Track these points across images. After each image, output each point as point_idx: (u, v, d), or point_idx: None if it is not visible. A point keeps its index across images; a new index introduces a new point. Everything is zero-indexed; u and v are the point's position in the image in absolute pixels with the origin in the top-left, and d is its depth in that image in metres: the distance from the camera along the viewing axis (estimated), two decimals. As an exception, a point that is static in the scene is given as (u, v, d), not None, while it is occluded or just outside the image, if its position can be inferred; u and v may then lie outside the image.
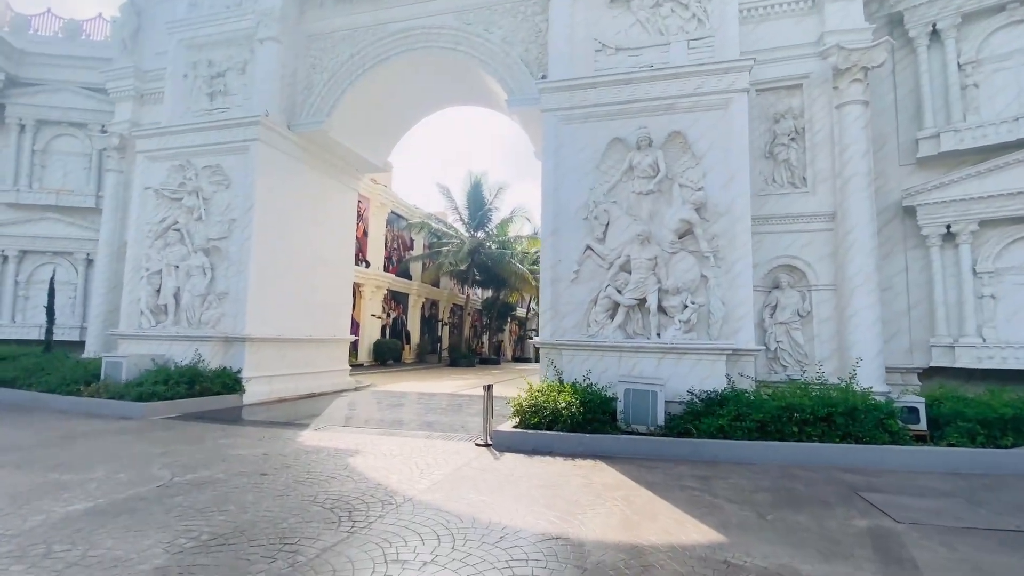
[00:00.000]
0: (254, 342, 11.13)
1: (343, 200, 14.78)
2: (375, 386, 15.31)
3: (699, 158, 8.83)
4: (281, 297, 12.04)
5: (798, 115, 9.87)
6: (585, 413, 6.93)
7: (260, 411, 10.11)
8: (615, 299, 8.65)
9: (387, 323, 27.20)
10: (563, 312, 9.10)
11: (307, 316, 12.94)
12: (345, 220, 14.94)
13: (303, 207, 12.95)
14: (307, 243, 13.06)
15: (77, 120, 14.78)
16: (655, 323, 8.47)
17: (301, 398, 12.02)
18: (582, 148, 9.37)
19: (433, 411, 10.58)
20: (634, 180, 8.98)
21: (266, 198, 11.61)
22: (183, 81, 12.66)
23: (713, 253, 8.53)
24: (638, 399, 7.22)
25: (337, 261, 14.43)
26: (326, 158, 13.63)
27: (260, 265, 11.38)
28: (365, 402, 12.04)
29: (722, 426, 6.71)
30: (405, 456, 6.36)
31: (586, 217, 9.16)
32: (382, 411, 10.61)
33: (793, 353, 9.34)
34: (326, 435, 7.63)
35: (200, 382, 9.95)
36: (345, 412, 10.38)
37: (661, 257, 8.56)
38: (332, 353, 13.93)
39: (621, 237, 8.86)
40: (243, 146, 11.50)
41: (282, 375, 11.94)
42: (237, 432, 7.76)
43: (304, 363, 12.74)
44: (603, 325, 8.71)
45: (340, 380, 14.04)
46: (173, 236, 11.64)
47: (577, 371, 8.47)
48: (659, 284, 8.53)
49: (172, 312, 11.41)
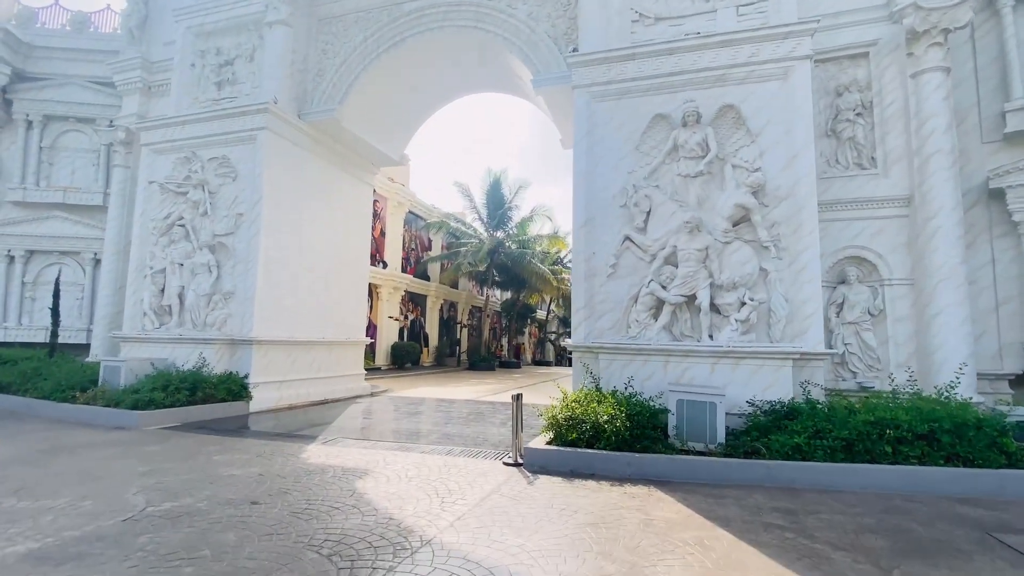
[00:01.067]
0: (262, 345, 10.35)
1: (358, 195, 13.99)
2: (391, 391, 14.47)
3: (755, 135, 7.76)
4: (291, 297, 11.26)
5: (864, 87, 8.72)
6: (632, 428, 5.91)
7: (266, 420, 9.30)
8: (659, 296, 7.61)
9: (405, 325, 26.44)
10: (599, 311, 8.09)
11: (319, 317, 12.15)
12: (360, 216, 14.14)
13: (315, 201, 12.18)
14: (320, 240, 12.28)
15: (85, 115, 14.28)
16: (707, 323, 7.41)
17: (312, 405, 11.21)
18: (619, 127, 8.37)
19: (453, 420, 9.65)
20: (679, 161, 7.95)
21: (275, 191, 10.85)
22: (190, 71, 12.01)
23: (774, 243, 7.44)
24: (694, 411, 6.18)
25: (352, 259, 13.64)
26: (339, 150, 12.85)
27: (268, 262, 10.61)
28: (380, 410, 11.17)
29: (798, 445, 5.63)
30: (423, 479, 5.42)
31: (624, 204, 8.15)
32: (398, 420, 9.72)
33: (863, 357, 8.17)
34: (334, 450, 6.74)
35: (203, 388, 9.18)
36: (357, 421, 9.51)
37: (713, 248, 7.50)
38: (346, 357, 13.12)
39: (665, 226, 7.83)
40: (250, 135, 10.76)
41: (292, 380, 11.14)
42: (236, 446, 6.92)
43: (316, 367, 11.94)
44: (645, 326, 7.68)
45: (355, 385, 13.21)
46: (178, 232, 10.95)
47: (616, 377, 7.45)
48: (711, 279, 7.47)
49: (176, 313, 10.70)
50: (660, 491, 5.11)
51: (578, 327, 8.17)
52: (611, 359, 7.61)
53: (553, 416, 6.23)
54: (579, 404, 6.42)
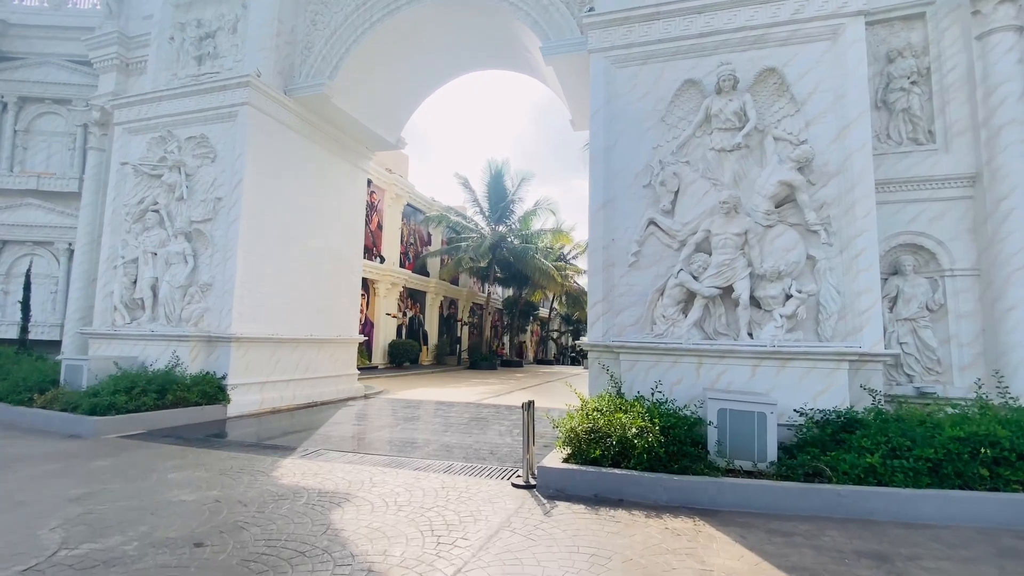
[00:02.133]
0: (241, 343, 9.38)
1: (352, 182, 13.00)
2: (387, 392, 13.50)
3: (800, 103, 6.76)
4: (275, 291, 10.29)
5: (919, 52, 7.69)
6: (667, 444, 4.92)
7: (243, 426, 8.34)
8: (690, 288, 6.61)
9: (403, 323, 25.48)
10: (619, 305, 7.10)
11: (308, 313, 11.18)
12: (354, 204, 13.16)
13: (304, 187, 11.20)
14: (308, 229, 11.30)
15: (62, 96, 13.29)
16: (745, 319, 6.41)
17: (298, 408, 10.24)
18: (642, 96, 7.36)
19: (453, 427, 8.67)
20: (713, 133, 6.94)
21: (258, 174, 9.87)
22: (169, 45, 11.02)
23: (823, 226, 6.45)
24: (739, 423, 5.18)
25: (344, 251, 12.66)
26: (330, 132, 11.86)
27: (250, 252, 9.63)
28: (373, 414, 10.20)
29: (872, 466, 4.63)
30: (416, 507, 4.44)
31: (648, 183, 7.15)
32: (391, 427, 8.74)
33: (921, 358, 7.16)
34: (313, 466, 5.76)
35: (173, 391, 8.21)
36: (345, 428, 8.54)
37: (753, 232, 6.50)
38: (337, 355, 12.15)
39: (697, 207, 6.83)
40: (230, 112, 9.78)
41: (276, 381, 10.17)
42: (200, 459, 5.95)
43: (303, 367, 10.97)
44: (674, 322, 6.68)
45: (346, 386, 12.25)
46: (152, 219, 9.98)
47: (640, 381, 6.47)
48: (750, 268, 6.47)
49: (149, 307, 9.74)
50: (709, 525, 4.12)
51: (595, 323, 7.19)
52: (634, 360, 6.62)
53: (571, 428, 5.23)
54: (601, 413, 5.43)
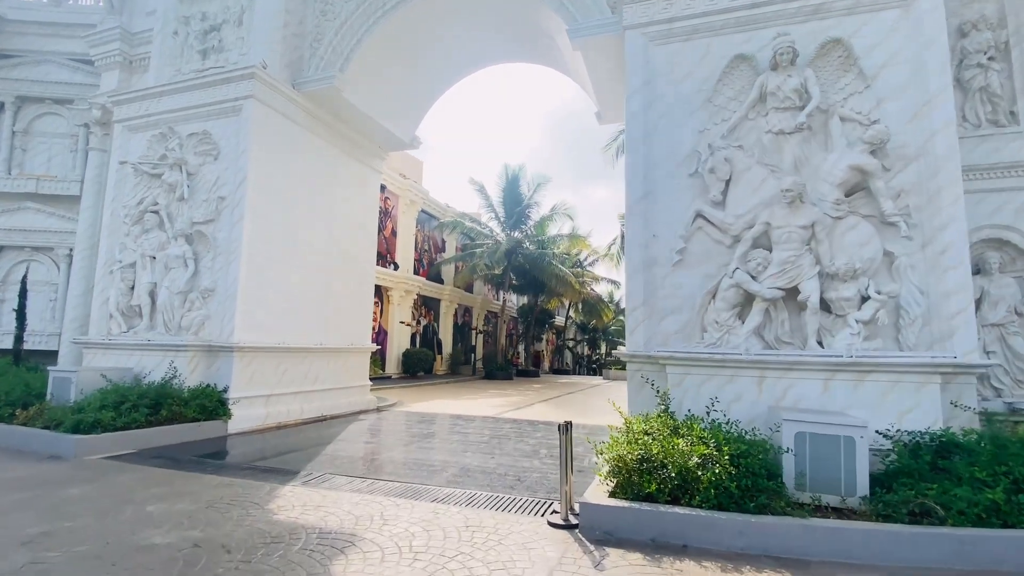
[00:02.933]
0: (245, 352, 8.68)
1: (364, 182, 12.35)
2: (401, 405, 12.73)
3: (869, 78, 5.92)
4: (282, 297, 9.61)
5: (995, 24, 6.85)
6: (738, 476, 4.06)
7: (244, 445, 7.61)
8: (748, 289, 5.77)
9: (417, 331, 24.78)
10: (662, 310, 6.28)
11: (316, 321, 10.48)
12: (366, 206, 12.50)
13: (313, 187, 10.55)
14: (318, 231, 10.64)
15: (63, 96, 12.86)
16: (815, 325, 5.55)
17: (306, 423, 9.50)
18: (685, 76, 6.58)
19: (472, 446, 7.86)
20: (769, 114, 6.13)
21: (263, 172, 9.23)
22: (172, 40, 10.49)
23: (902, 217, 5.58)
24: (822, 450, 4.32)
25: (357, 255, 11.98)
26: (341, 130, 11.24)
27: (255, 255, 8.97)
28: (385, 430, 9.43)
29: (995, 503, 3.75)
30: (435, 554, 3.64)
31: (694, 171, 6.35)
32: (405, 446, 7.96)
33: (1011, 369, 6.25)
34: (316, 496, 4.99)
35: (168, 405, 7.51)
36: (355, 447, 7.77)
37: (821, 224, 5.65)
38: (349, 366, 11.43)
39: (752, 197, 6.00)
40: (234, 106, 9.17)
41: (282, 394, 9.45)
42: (187, 486, 5.21)
43: (312, 378, 10.25)
44: (729, 329, 5.84)
45: (358, 399, 11.50)
46: (151, 220, 9.37)
47: (691, 397, 5.62)
48: (818, 266, 5.62)
49: (147, 314, 9.09)
50: (807, 585, 3.27)
51: (634, 330, 6.36)
52: (683, 373, 5.77)
53: (617, 455, 4.39)
54: (652, 437, 4.60)
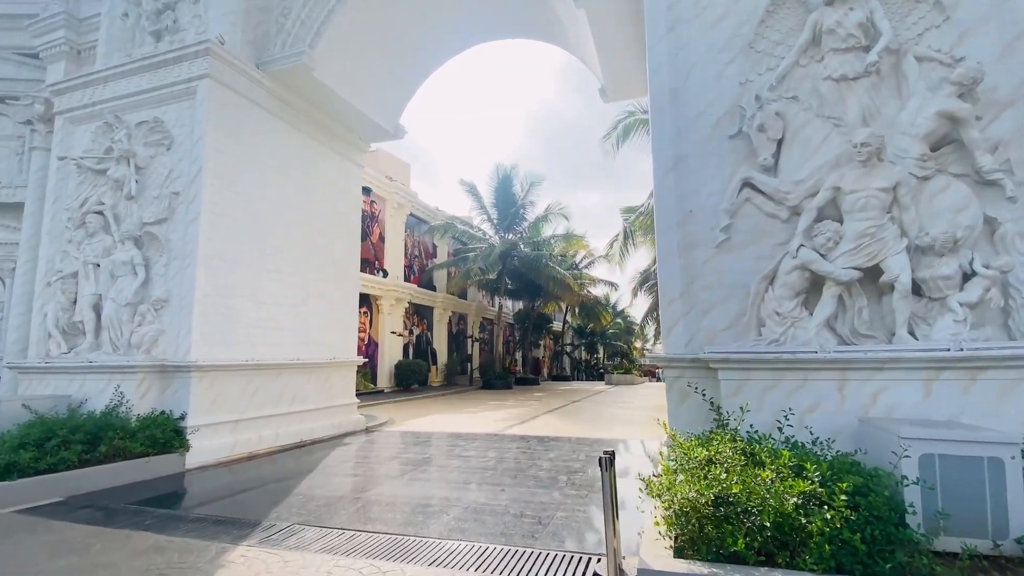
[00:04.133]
0: (206, 372, 7.42)
1: (345, 177, 11.15)
2: (393, 423, 11.47)
3: (948, 9, 4.83)
4: (251, 306, 8.37)
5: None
6: (861, 522, 2.89)
7: (202, 482, 6.34)
8: (818, 271, 4.63)
9: (410, 341, 23.50)
10: (705, 302, 5.12)
11: (293, 332, 9.23)
12: (348, 205, 11.30)
13: (287, 181, 9.34)
14: (293, 231, 9.42)
15: (7, 93, 11.56)
16: (906, 312, 4.41)
17: (282, 451, 8.23)
18: (719, 18, 5.46)
19: (477, 475, 6.64)
20: (826, 59, 5.02)
21: (225, 163, 8.02)
22: (122, 22, 9.30)
23: (1005, 174, 4.47)
24: (956, 476, 3.16)
25: (338, 259, 10.76)
26: (317, 118, 10.05)
27: (215, 257, 7.74)
28: (373, 457, 8.18)
29: None
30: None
31: (738, 132, 5.22)
32: (396, 478, 6.71)
33: None
34: (275, 562, 3.75)
35: (109, 439, 6.23)
36: (336, 483, 6.51)
37: (905, 186, 4.52)
38: (332, 382, 10.17)
39: (814, 158, 4.88)
40: (188, 88, 7.97)
41: (253, 419, 8.17)
42: (110, 553, 3.95)
43: (289, 398, 8.98)
44: (793, 321, 4.68)
45: (344, 419, 10.23)
46: (95, 223, 8.13)
47: (753, 408, 4.45)
48: (905, 238, 4.50)
49: (91, 331, 7.83)
50: None
51: (672, 328, 5.19)
52: (741, 379, 4.60)
53: (684, 498, 3.19)
54: (722, 467, 3.42)
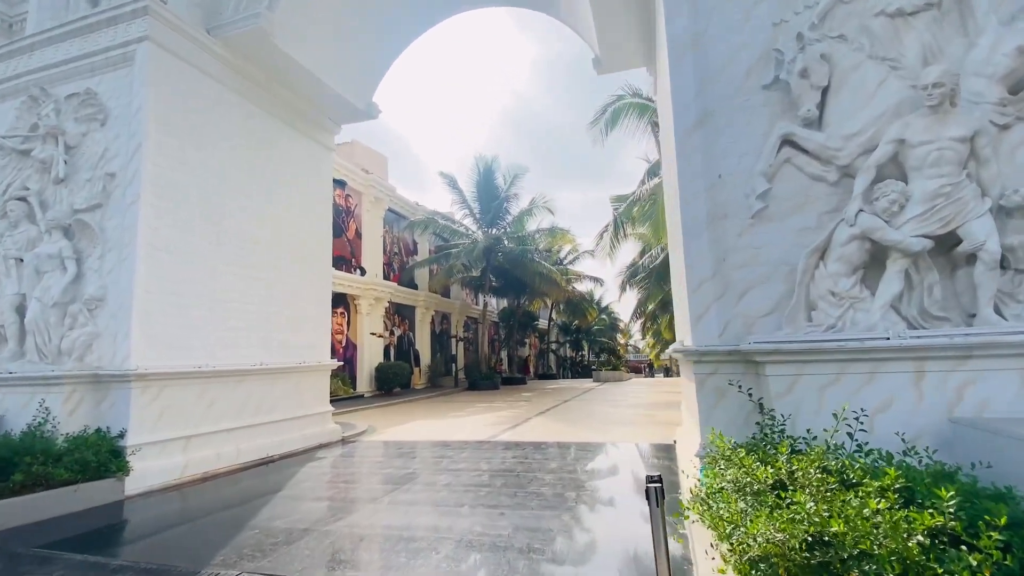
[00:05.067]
0: (149, 382, 6.37)
1: (315, 162, 10.12)
2: (373, 432, 10.49)
3: (1019, -69, 4.10)
4: (206, 304, 7.33)
5: None
6: (1019, 569, 2.08)
7: (140, 513, 5.30)
8: (882, 240, 3.83)
9: (391, 342, 22.43)
10: (740, 283, 4.30)
11: (257, 334, 8.20)
12: (319, 192, 10.27)
13: (246, 164, 8.30)
14: (255, 220, 8.38)
15: (-73, 73, 10.29)
16: (990, 288, 3.64)
17: (244, 469, 7.21)
18: (747, -50, 4.66)
19: (470, 495, 5.72)
20: (878, -10, 4.25)
21: (171, 140, 6.97)
22: (54, -14, 8.16)
23: (1100, 120, 3.74)
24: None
25: (308, 252, 9.73)
26: (280, 94, 9.02)
27: (160, 248, 6.69)
28: (348, 474, 7.22)
29: None
30: None
31: (774, 80, 4.40)
32: (374, 502, 5.76)
33: None
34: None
35: (27, 466, 5.17)
36: (302, 510, 5.53)
37: (984, 135, 3.76)
38: (303, 389, 9.14)
39: (869, 107, 4.09)
40: (125, 54, 6.90)
41: (210, 433, 7.13)
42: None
43: (253, 409, 7.95)
44: (852, 302, 3.88)
45: (317, 429, 9.22)
46: (17, 211, 7.00)
47: (809, 408, 3.63)
48: (987, 198, 3.73)
49: (13, 337, 6.71)
50: None
51: (702, 316, 4.35)
52: (795, 373, 3.78)
53: (766, 540, 2.33)
54: (808, 493, 2.57)
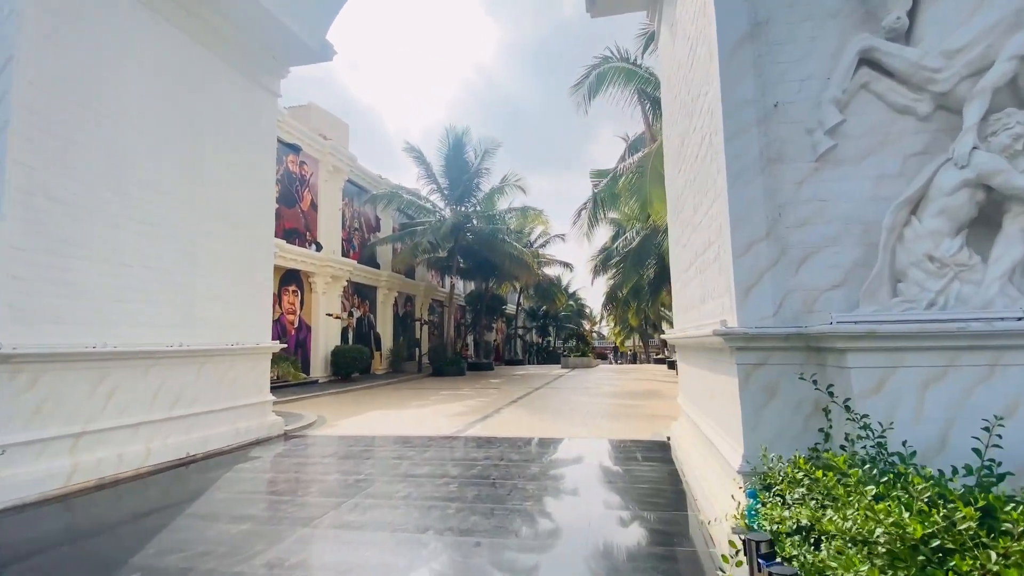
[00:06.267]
0: (23, 364, 4.91)
1: (255, 109, 8.58)
2: (324, 423, 9.20)
3: None
4: (106, 270, 5.85)
5: None
6: None
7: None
8: (1003, 185, 2.85)
9: (350, 324, 20.92)
10: (801, 245, 3.28)
11: (175, 309, 6.77)
12: (260, 146, 8.75)
13: (164, 103, 6.76)
14: (174, 172, 6.87)
15: None
16: None
17: (155, 473, 5.84)
18: None
19: (436, 513, 4.58)
20: None
21: (59, 58, 5.41)
22: None
23: None
24: None
25: (244, 214, 8.25)
26: (211, 21, 7.45)
27: (39, 195, 5.18)
28: (285, 481, 5.95)
29: None
30: None
31: (851, -19, 3.37)
32: (311, 524, 4.53)
33: None
34: None
35: None
36: (209, 540, 4.21)
37: None
38: (235, 375, 7.75)
39: (978, 16, 3.08)
40: (-11, -62, 5.29)
41: (109, 430, 5.71)
42: None
43: (169, 399, 6.54)
44: (957, 272, 2.90)
45: (253, 422, 7.87)
46: None
47: (908, 410, 2.66)
48: None
49: None
50: None
51: (752, 287, 3.31)
52: (889, 365, 2.77)
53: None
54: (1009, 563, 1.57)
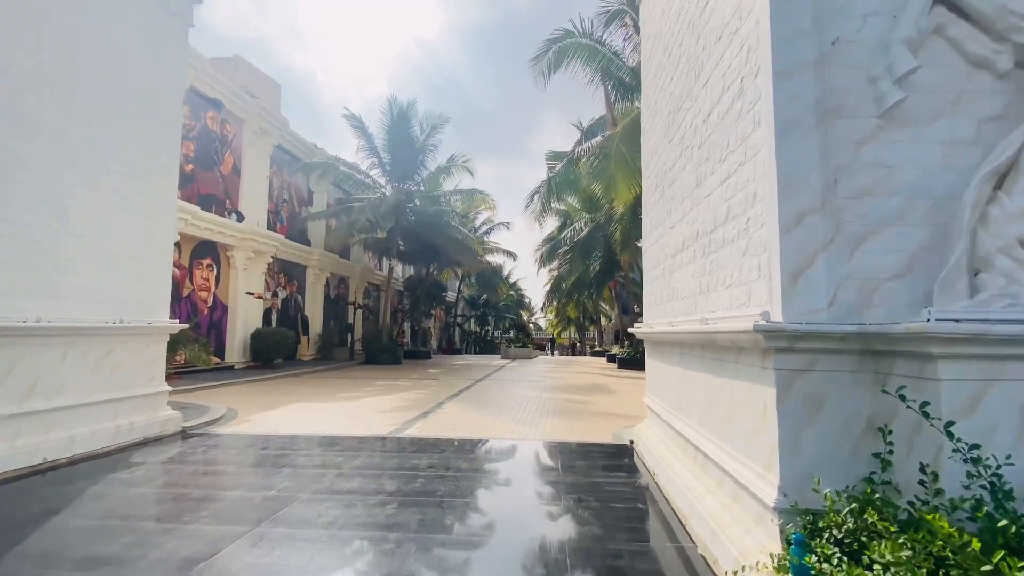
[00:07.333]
0: None
1: (155, 35, 7.02)
2: (234, 418, 7.88)
3: None
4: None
5: None
6: None
7: None
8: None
9: (274, 305, 19.10)
10: (856, 223, 2.60)
11: (36, 280, 5.29)
12: (161, 80, 7.18)
13: (38, 19, 5.20)
14: (48, 105, 5.34)
15: None
16: None
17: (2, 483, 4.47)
18: None
19: (371, 548, 3.62)
20: None
21: None
22: None
23: None
24: None
25: (138, 168, 6.74)
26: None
27: None
28: (171, 499, 4.74)
29: None
30: None
31: None
32: (196, 568, 3.46)
33: None
34: None
35: None
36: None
37: None
38: (118, 360, 6.30)
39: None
40: None
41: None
42: None
43: (23, 388, 5.08)
44: (1056, 262, 2.34)
45: (139, 418, 6.46)
46: None
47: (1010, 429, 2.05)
48: None
49: None
50: None
51: (802, 272, 2.60)
52: (986, 378, 2.13)
53: None
54: None
